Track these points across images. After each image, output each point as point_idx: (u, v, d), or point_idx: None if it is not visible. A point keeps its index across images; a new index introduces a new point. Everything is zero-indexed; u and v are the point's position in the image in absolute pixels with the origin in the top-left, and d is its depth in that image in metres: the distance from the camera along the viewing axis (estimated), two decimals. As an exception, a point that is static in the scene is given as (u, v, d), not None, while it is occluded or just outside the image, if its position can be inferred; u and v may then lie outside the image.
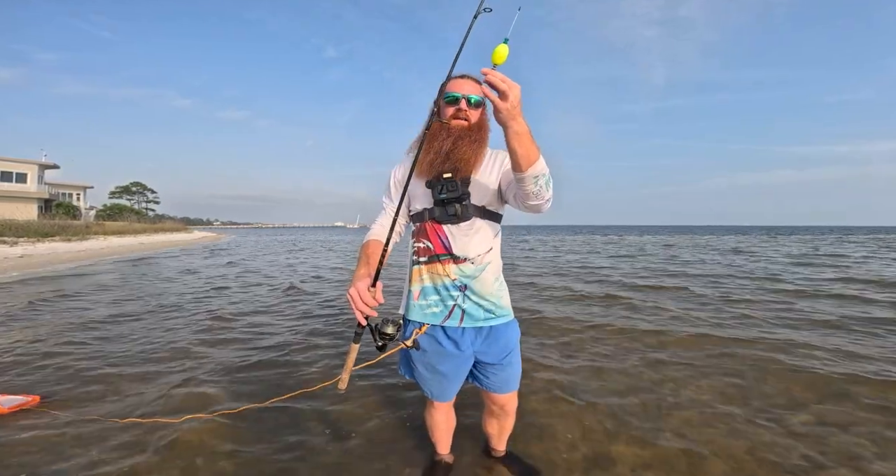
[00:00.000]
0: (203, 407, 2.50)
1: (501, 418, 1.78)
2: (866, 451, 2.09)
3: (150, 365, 3.31)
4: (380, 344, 1.32)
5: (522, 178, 1.22)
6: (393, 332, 1.32)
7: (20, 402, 2.52)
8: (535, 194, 1.25)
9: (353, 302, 1.24)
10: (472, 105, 1.42)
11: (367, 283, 1.25)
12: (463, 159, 1.39)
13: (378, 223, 1.58)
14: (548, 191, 1.27)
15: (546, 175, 1.23)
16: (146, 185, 59.39)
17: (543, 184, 1.23)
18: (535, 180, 1.22)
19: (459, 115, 1.41)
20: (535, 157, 1.18)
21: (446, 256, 1.45)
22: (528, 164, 1.18)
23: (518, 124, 1.11)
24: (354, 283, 1.27)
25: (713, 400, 2.67)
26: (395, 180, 1.58)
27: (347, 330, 4.41)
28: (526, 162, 1.17)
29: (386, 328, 1.31)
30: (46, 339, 3.96)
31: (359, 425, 2.33)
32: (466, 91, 1.41)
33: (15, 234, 17.03)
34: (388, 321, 1.32)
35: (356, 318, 1.25)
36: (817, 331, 4.37)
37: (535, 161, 1.18)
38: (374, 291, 1.25)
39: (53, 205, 32.50)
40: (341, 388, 1.35)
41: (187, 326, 4.60)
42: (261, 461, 2.00)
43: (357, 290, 1.24)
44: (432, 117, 1.38)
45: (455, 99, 1.41)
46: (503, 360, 1.56)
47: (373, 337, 1.31)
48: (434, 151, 1.39)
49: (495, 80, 1.06)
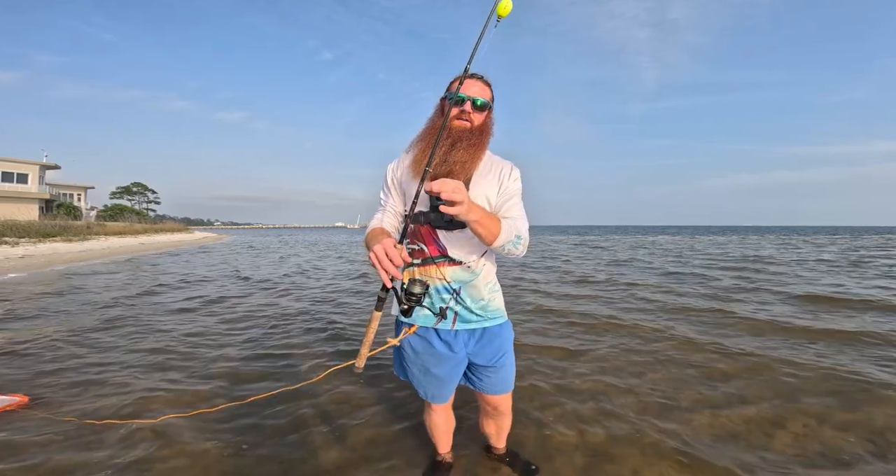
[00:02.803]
0: (185, 406, 2.47)
1: (497, 418, 1.76)
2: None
3: (135, 366, 3.26)
4: (405, 307, 1.26)
5: (492, 248, 1.34)
6: (420, 291, 1.24)
7: (8, 402, 2.47)
8: (506, 254, 1.35)
9: (378, 261, 1.12)
10: (478, 108, 1.39)
11: (392, 241, 1.16)
12: (459, 162, 1.35)
13: (375, 218, 1.52)
14: (517, 249, 1.34)
15: (511, 241, 1.31)
16: (147, 186, 59.44)
17: (511, 247, 1.32)
18: (502, 248, 1.31)
19: (463, 116, 1.38)
20: (496, 231, 1.26)
21: (441, 259, 1.41)
22: (493, 239, 1.27)
23: (473, 214, 1.17)
24: (379, 242, 1.15)
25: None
26: (392, 176, 1.52)
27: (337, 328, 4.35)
28: (490, 238, 1.27)
29: (413, 288, 1.23)
30: (36, 340, 3.91)
31: (359, 425, 2.28)
32: (473, 93, 1.38)
33: (16, 234, 17.04)
34: (416, 281, 1.24)
35: (381, 281, 1.15)
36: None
37: (498, 234, 1.27)
38: (400, 249, 1.14)
39: (54, 205, 32.62)
40: (359, 367, 1.26)
41: (176, 328, 4.54)
42: (255, 462, 1.95)
43: (383, 246, 1.12)
44: (436, 115, 1.39)
45: (461, 100, 1.38)
46: (497, 361, 1.52)
47: (398, 300, 1.25)
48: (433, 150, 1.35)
49: (445, 195, 1.08)
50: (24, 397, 2.56)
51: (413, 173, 1.40)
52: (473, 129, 1.38)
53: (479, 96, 1.38)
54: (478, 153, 1.39)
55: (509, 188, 1.43)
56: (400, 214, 1.52)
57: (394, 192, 1.51)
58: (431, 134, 1.40)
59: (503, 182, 1.43)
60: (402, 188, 1.49)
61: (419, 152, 1.39)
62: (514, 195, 1.43)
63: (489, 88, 1.44)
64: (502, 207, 1.42)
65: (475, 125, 1.39)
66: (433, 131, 1.40)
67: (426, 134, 1.43)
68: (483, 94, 1.40)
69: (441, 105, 1.46)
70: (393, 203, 1.51)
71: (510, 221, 1.34)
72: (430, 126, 1.44)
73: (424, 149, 1.37)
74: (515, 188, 1.44)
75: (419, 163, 1.36)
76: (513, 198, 1.43)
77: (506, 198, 1.42)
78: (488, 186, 1.41)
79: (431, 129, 1.42)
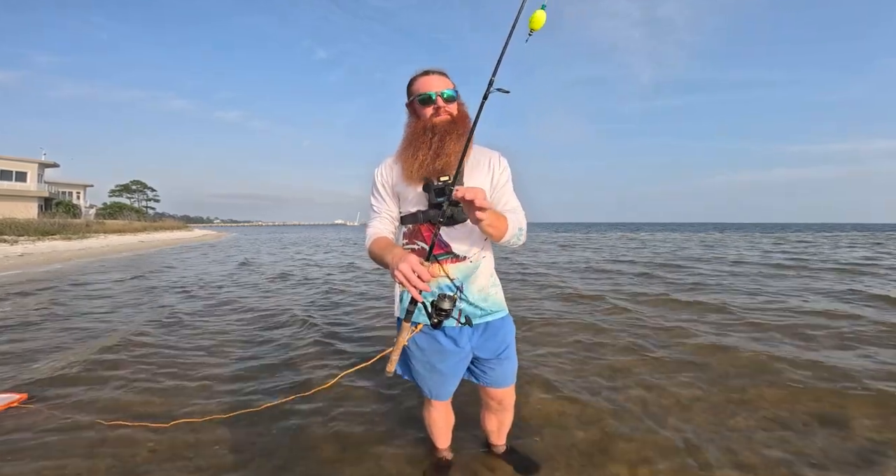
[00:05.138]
0: (197, 411, 2.42)
1: (500, 413, 1.77)
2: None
3: (141, 366, 3.26)
4: (435, 321, 1.27)
5: (499, 244, 1.38)
6: (449, 307, 1.25)
7: (8, 399, 2.47)
8: (509, 246, 1.39)
9: (407, 279, 1.13)
10: (447, 99, 1.41)
11: (418, 258, 1.17)
12: (454, 153, 1.37)
13: (373, 226, 1.50)
14: (519, 241, 1.39)
15: (515, 234, 1.34)
16: (146, 184, 59.36)
17: (515, 240, 1.37)
18: (507, 242, 1.35)
19: (440, 112, 1.41)
20: (504, 228, 1.28)
21: (445, 256, 1.43)
22: (501, 237, 1.30)
23: (489, 217, 1.17)
24: (404, 260, 1.16)
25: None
26: (382, 181, 1.51)
27: (351, 332, 4.36)
28: (499, 236, 1.30)
29: (443, 304, 1.25)
30: (37, 338, 3.91)
31: (358, 423, 2.29)
32: (437, 87, 1.41)
33: (15, 232, 17.02)
34: (445, 297, 1.26)
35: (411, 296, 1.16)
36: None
37: (506, 231, 1.30)
38: (427, 265, 1.17)
39: (53, 203, 32.54)
40: (389, 371, 1.27)
41: (192, 332, 4.54)
42: (253, 461, 1.95)
43: (410, 264, 1.14)
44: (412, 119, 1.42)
45: (429, 98, 1.40)
46: (500, 355, 1.55)
47: (427, 314, 1.27)
48: (423, 152, 1.37)
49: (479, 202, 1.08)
50: (22, 395, 2.56)
51: (409, 177, 1.40)
52: (455, 120, 1.41)
53: (445, 89, 1.41)
54: (466, 141, 1.38)
55: (501, 178, 1.47)
56: (396, 218, 1.52)
57: (386, 196, 1.51)
58: (416, 136, 1.41)
59: (494, 172, 1.47)
60: (394, 191, 1.49)
61: (409, 157, 1.40)
62: (506, 184, 1.48)
63: (447, 78, 1.45)
64: (500, 199, 1.46)
65: (455, 116, 1.42)
66: (416, 134, 1.41)
67: (413, 136, 1.43)
68: (446, 85, 1.42)
69: (412, 108, 1.47)
70: (387, 208, 1.51)
71: (512, 216, 1.36)
72: (414, 129, 1.44)
73: (415, 152, 1.38)
74: (506, 177, 1.49)
75: (409, 167, 1.39)
76: (505, 186, 1.48)
77: (499, 188, 1.47)
78: (482, 177, 1.45)
79: (415, 133, 1.42)
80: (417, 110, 1.44)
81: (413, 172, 1.39)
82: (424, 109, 1.41)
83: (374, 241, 1.43)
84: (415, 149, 1.39)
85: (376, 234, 1.46)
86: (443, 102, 1.40)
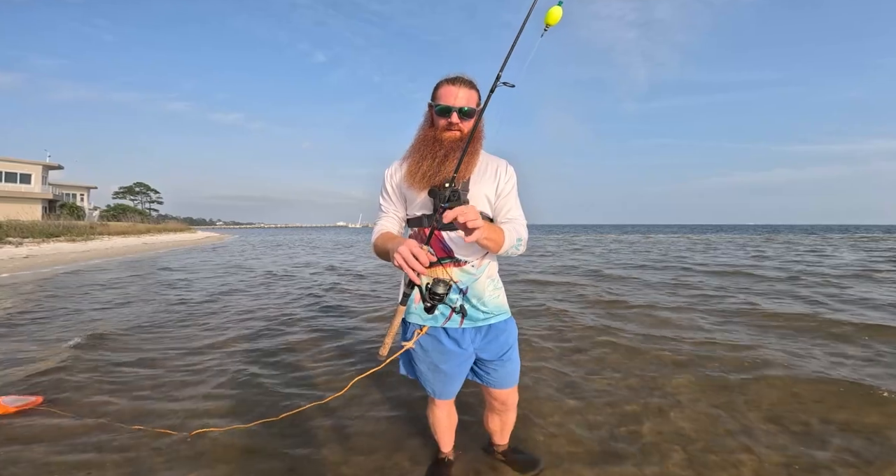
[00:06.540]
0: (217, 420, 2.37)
1: (503, 414, 1.79)
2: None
3: (161, 373, 3.29)
4: (429, 304, 1.32)
5: (497, 254, 1.47)
6: (443, 292, 1.31)
7: (26, 402, 2.53)
8: (508, 256, 1.45)
9: (405, 260, 1.17)
10: (465, 115, 1.41)
11: (416, 242, 1.21)
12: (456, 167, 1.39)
13: (380, 224, 1.55)
14: (518, 250, 1.45)
15: (513, 245, 1.40)
16: (149, 186, 59.68)
17: (513, 250, 1.43)
18: (506, 253, 1.42)
19: (452, 127, 1.41)
20: (501, 241, 1.35)
21: (447, 260, 1.45)
22: (498, 249, 1.37)
23: (484, 232, 1.19)
24: (403, 243, 1.21)
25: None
26: (391, 182, 1.54)
27: (362, 331, 4.41)
28: (496, 248, 1.36)
29: (437, 288, 1.30)
30: (55, 343, 3.97)
31: (362, 423, 2.32)
32: (459, 102, 1.40)
33: (20, 234, 17.13)
34: (439, 282, 1.31)
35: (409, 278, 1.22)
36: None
37: (503, 243, 1.36)
38: (426, 249, 1.20)
39: (57, 205, 32.69)
40: (382, 354, 1.33)
41: (206, 334, 4.60)
42: (264, 462, 2.00)
43: (409, 247, 1.18)
44: (426, 122, 1.44)
45: (446, 111, 1.40)
46: (503, 356, 1.58)
47: (422, 297, 1.32)
48: (427, 163, 1.39)
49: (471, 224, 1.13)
50: (38, 398, 2.61)
51: (410, 184, 1.43)
52: (465, 137, 1.41)
53: (465, 104, 1.40)
54: (472, 159, 1.43)
55: (506, 187, 1.48)
56: (403, 219, 1.56)
57: (394, 197, 1.54)
58: (424, 145, 1.42)
59: (500, 181, 1.48)
60: (401, 193, 1.53)
61: (413, 164, 1.43)
62: (511, 193, 1.50)
63: (475, 90, 1.44)
64: (503, 208, 1.48)
65: (465, 133, 1.42)
66: (425, 142, 1.43)
67: (421, 144, 1.45)
68: (469, 100, 1.41)
69: (430, 112, 1.47)
70: (395, 209, 1.54)
71: (510, 226, 1.40)
72: (424, 136, 1.46)
73: (420, 160, 1.41)
74: (511, 185, 1.50)
75: (413, 173, 1.41)
76: (510, 195, 1.49)
77: (503, 196, 1.48)
78: (487, 186, 1.46)
79: (423, 141, 1.45)
80: (433, 117, 1.45)
81: (415, 181, 1.42)
82: (440, 120, 1.42)
83: (379, 236, 1.47)
84: (420, 156, 1.41)
85: (381, 229, 1.50)
86: (458, 119, 1.40)
